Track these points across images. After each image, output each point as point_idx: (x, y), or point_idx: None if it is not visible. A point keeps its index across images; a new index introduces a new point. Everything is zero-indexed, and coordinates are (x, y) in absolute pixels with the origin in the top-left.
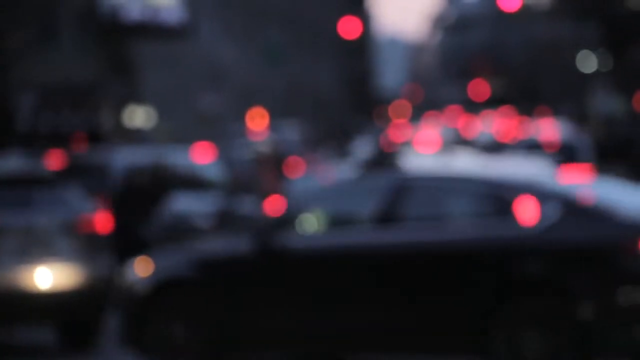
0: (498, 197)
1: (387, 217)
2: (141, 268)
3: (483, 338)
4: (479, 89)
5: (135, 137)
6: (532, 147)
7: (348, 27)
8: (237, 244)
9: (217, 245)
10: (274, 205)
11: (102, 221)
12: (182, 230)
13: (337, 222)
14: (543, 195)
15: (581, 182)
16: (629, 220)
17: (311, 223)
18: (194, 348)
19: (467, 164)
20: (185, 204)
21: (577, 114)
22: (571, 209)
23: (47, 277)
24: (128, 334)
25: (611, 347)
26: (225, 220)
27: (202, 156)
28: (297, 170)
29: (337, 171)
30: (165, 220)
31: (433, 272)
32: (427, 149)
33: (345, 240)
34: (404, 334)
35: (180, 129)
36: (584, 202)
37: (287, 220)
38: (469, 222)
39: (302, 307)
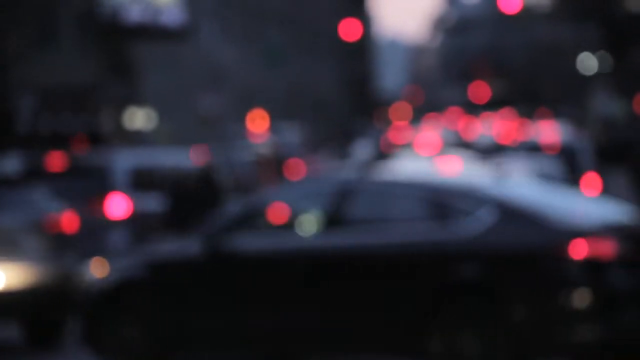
0: (436, 201)
1: (331, 220)
2: (97, 269)
3: (422, 339)
4: (480, 91)
5: (136, 138)
6: (533, 149)
7: (348, 29)
8: (187, 246)
9: (170, 247)
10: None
11: (69, 221)
12: None
13: (287, 224)
14: (479, 199)
15: (518, 185)
16: (561, 224)
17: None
18: (147, 349)
19: (410, 168)
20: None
21: (577, 116)
22: (506, 213)
23: (13, 276)
24: (85, 334)
25: (544, 349)
26: None
27: (202, 158)
28: (297, 172)
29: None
30: None
31: (374, 274)
32: (427, 151)
33: (290, 243)
34: (348, 335)
35: (181, 130)
36: (518, 206)
37: (236, 223)
38: (409, 226)
39: (250, 309)
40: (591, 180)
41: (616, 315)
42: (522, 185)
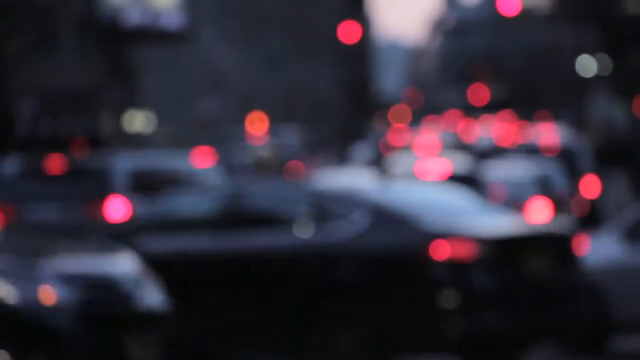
0: (316, 205)
1: (222, 224)
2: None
3: (301, 338)
4: (479, 93)
5: (135, 141)
6: (532, 151)
7: (348, 32)
8: None
9: None
10: None
11: None
12: None
13: (183, 228)
14: (354, 203)
15: (396, 190)
16: (427, 227)
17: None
18: None
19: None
20: None
21: (576, 119)
22: (379, 217)
23: None
24: None
25: (412, 345)
26: None
27: (202, 161)
28: (297, 175)
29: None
30: None
31: (254, 276)
32: (426, 153)
33: (185, 246)
34: (236, 333)
35: (180, 133)
36: (391, 210)
37: (142, 226)
38: (290, 229)
39: None
40: (590, 182)
41: (479, 313)
42: (401, 189)
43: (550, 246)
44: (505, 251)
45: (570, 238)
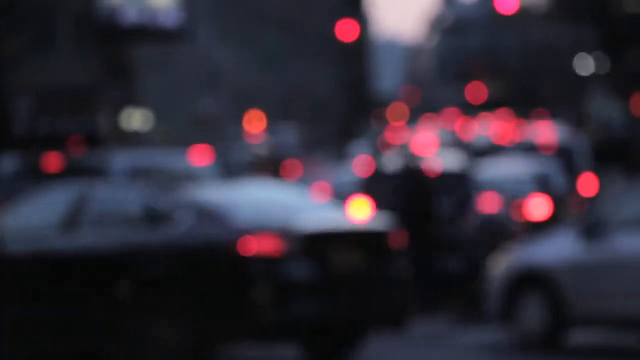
0: (147, 206)
1: (66, 224)
2: None
3: (126, 329)
4: (477, 91)
5: (133, 140)
6: (529, 149)
7: (345, 30)
8: None
9: None
10: None
11: None
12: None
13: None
14: (180, 204)
15: (220, 190)
16: (237, 224)
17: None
18: None
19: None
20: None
21: (574, 117)
22: (201, 216)
23: None
24: None
25: (228, 334)
26: None
27: (199, 159)
28: (295, 173)
29: (334, 173)
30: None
31: (89, 273)
32: (424, 151)
33: (33, 245)
34: (69, 327)
35: (178, 131)
36: (210, 209)
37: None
38: (124, 228)
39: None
40: (588, 181)
41: (288, 303)
42: (230, 189)
43: (364, 241)
44: (315, 246)
45: (386, 234)
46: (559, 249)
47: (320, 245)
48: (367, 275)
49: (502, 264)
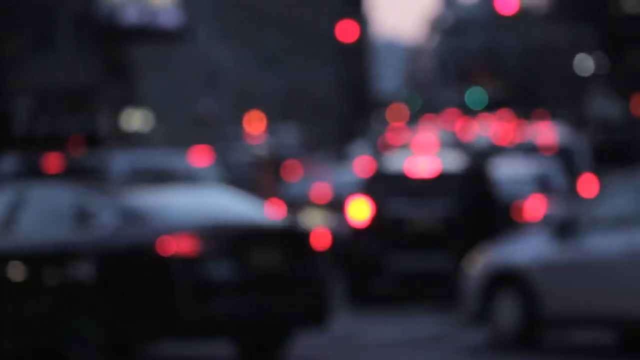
0: (75, 206)
1: (3, 224)
2: None
3: (58, 327)
4: (477, 92)
5: (133, 140)
6: (530, 150)
7: (345, 31)
8: None
9: None
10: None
11: None
12: None
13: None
14: (106, 204)
15: (146, 192)
16: (157, 225)
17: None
18: None
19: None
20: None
21: (574, 117)
22: (125, 217)
23: None
24: None
25: (149, 333)
26: None
27: (199, 159)
28: (295, 174)
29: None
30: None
31: (20, 272)
32: (424, 152)
33: None
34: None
35: (178, 132)
36: (134, 210)
37: None
38: (53, 228)
39: None
40: (588, 181)
41: (207, 302)
42: (157, 191)
43: (285, 241)
44: (234, 245)
45: (307, 234)
46: (532, 249)
47: (240, 245)
48: (288, 274)
49: (478, 264)
